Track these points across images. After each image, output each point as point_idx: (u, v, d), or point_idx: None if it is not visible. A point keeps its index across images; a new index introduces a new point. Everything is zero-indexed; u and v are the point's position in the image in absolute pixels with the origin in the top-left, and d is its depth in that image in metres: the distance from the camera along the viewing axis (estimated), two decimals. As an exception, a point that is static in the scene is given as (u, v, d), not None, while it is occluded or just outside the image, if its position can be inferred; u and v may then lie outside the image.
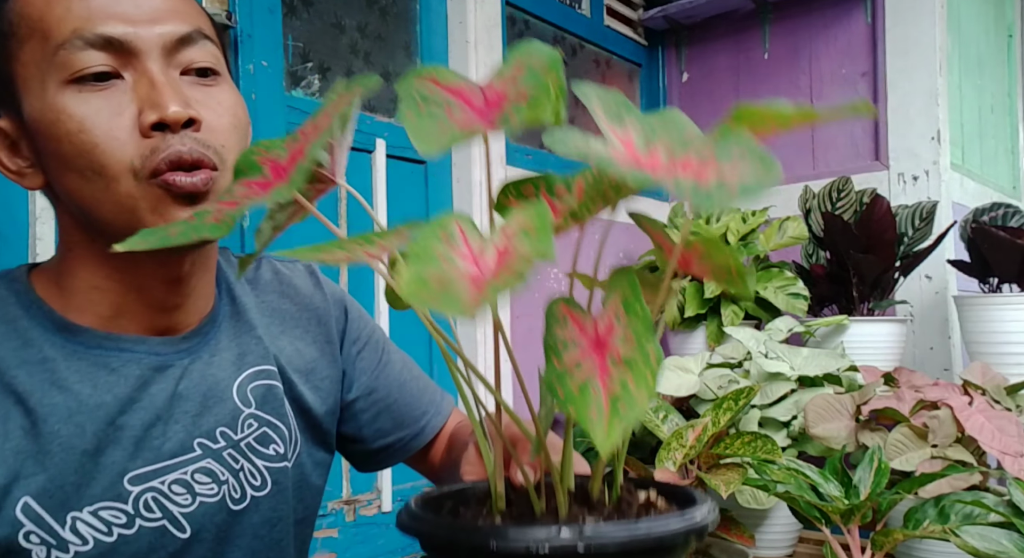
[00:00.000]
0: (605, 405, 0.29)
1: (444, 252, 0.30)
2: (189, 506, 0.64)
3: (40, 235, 1.02)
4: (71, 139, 0.58)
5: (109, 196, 0.59)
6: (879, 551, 0.92)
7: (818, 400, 1.22)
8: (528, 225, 0.31)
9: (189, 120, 0.59)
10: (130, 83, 0.59)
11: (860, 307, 1.67)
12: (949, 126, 1.91)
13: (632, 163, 0.31)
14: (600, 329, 0.33)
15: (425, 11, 1.67)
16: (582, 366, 0.32)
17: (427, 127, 0.35)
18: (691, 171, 0.30)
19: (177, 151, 0.58)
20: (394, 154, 1.56)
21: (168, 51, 0.60)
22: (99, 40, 0.58)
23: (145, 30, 0.59)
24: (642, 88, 2.34)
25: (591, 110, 0.34)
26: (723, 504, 1.25)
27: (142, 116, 0.58)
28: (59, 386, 0.60)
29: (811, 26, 2.09)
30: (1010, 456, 1.04)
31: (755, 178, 0.29)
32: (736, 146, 0.31)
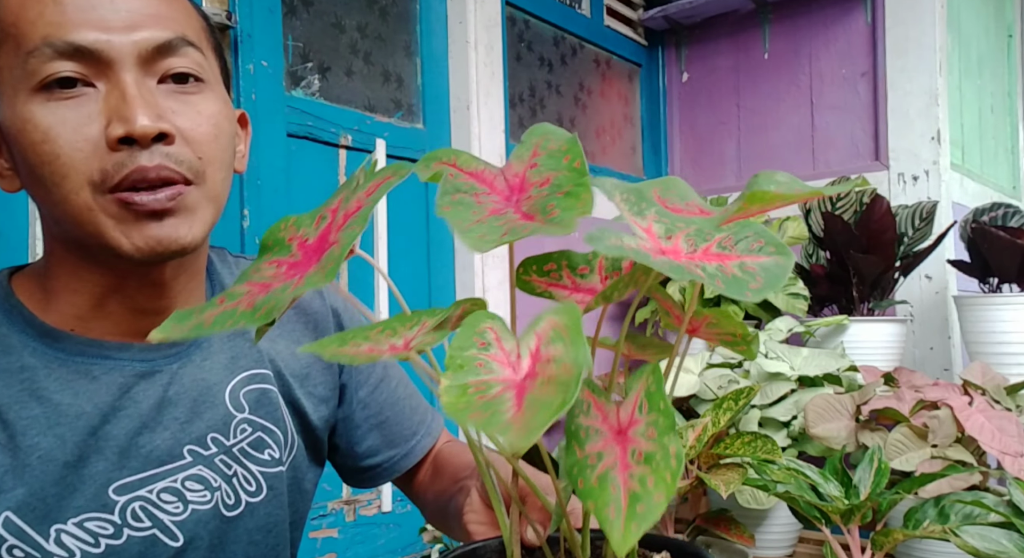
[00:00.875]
0: (624, 503, 0.30)
1: (481, 359, 0.31)
2: (181, 514, 0.63)
3: (40, 235, 1.02)
4: (35, 149, 0.56)
5: (69, 208, 0.57)
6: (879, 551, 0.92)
7: (818, 400, 1.22)
8: (560, 326, 0.32)
9: (160, 134, 0.56)
10: (102, 93, 0.56)
11: (860, 307, 1.67)
12: (949, 126, 1.91)
13: (659, 253, 0.33)
14: (622, 419, 0.34)
15: (425, 11, 1.67)
16: (603, 457, 0.32)
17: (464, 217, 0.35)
18: (715, 260, 0.33)
19: (141, 168, 0.56)
20: (394, 154, 1.56)
21: (145, 60, 0.58)
22: (69, 48, 0.55)
23: (119, 37, 0.56)
24: (642, 88, 2.34)
25: (614, 203, 0.36)
26: (723, 504, 1.25)
27: (109, 129, 0.55)
28: (37, 396, 0.59)
29: (811, 26, 2.09)
30: (1010, 456, 1.04)
31: (775, 265, 0.32)
32: (754, 236, 0.34)
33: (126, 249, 0.57)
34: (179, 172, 0.57)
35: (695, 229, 0.34)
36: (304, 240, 0.40)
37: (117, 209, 0.57)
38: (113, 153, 0.56)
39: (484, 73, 1.70)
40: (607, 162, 2.17)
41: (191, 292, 0.67)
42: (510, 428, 0.27)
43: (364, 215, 0.38)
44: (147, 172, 0.56)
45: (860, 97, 2.01)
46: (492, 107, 1.72)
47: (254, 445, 0.69)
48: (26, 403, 0.58)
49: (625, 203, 0.36)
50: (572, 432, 0.34)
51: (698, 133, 2.30)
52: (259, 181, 1.31)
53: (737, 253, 0.33)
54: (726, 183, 2.23)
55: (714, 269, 0.32)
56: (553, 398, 0.28)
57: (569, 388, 0.28)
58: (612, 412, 0.35)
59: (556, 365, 0.30)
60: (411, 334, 0.36)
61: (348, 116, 1.49)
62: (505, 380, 0.30)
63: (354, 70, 1.53)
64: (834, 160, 2.05)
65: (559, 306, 0.33)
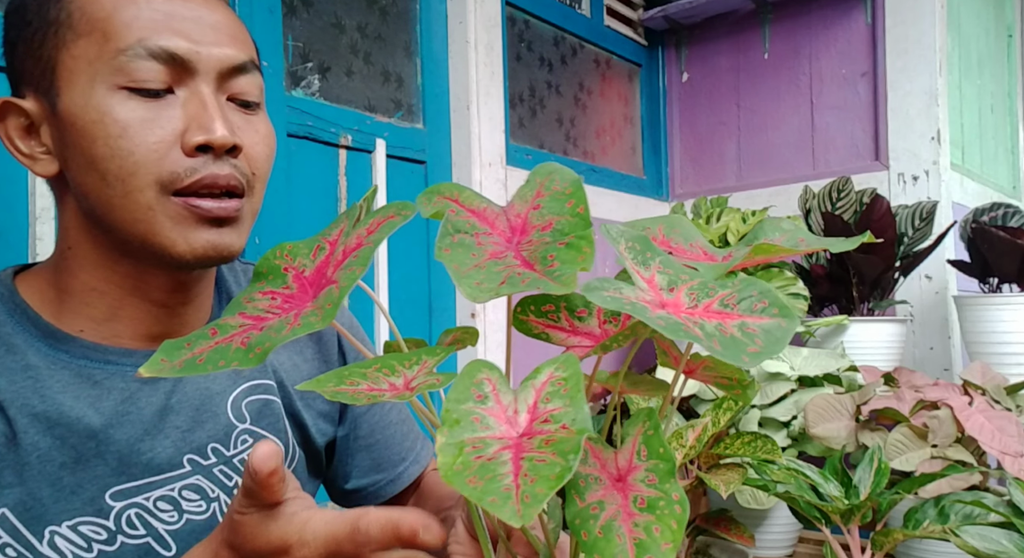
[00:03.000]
0: (631, 553, 0.29)
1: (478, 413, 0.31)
2: (175, 523, 0.63)
3: (40, 235, 1.02)
4: (108, 142, 0.57)
5: (127, 204, 0.58)
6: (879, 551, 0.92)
7: (818, 400, 1.22)
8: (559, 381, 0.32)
9: (233, 146, 0.60)
10: (180, 99, 0.59)
11: (860, 307, 1.67)
12: (949, 126, 1.91)
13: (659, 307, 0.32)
14: (621, 465, 0.33)
15: (425, 11, 1.67)
16: (605, 506, 0.31)
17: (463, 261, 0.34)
18: (715, 318, 0.32)
19: (213, 175, 0.59)
20: (394, 154, 1.56)
21: (222, 76, 0.61)
22: (163, 53, 0.58)
23: (206, 50, 0.60)
24: (642, 88, 2.34)
25: (618, 252, 0.35)
26: (723, 504, 1.25)
27: (187, 134, 0.58)
28: (41, 395, 0.59)
29: (811, 26, 2.09)
30: (1010, 456, 1.04)
31: (777, 328, 0.31)
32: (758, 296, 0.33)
33: (180, 250, 0.59)
34: (241, 183, 0.61)
35: (699, 283, 0.34)
36: (300, 271, 0.40)
37: (178, 212, 0.59)
38: (187, 158, 0.58)
39: (484, 73, 1.70)
40: (607, 162, 2.17)
41: (205, 294, 0.69)
42: (507, 500, 0.26)
43: (365, 256, 0.37)
44: (218, 179, 0.59)
45: (860, 97, 2.01)
46: (492, 107, 1.72)
47: None
48: (29, 401, 0.58)
49: (629, 252, 0.35)
50: (571, 481, 0.33)
51: (698, 133, 2.30)
52: (259, 181, 1.31)
53: (739, 313, 0.32)
54: (726, 183, 2.23)
55: (713, 328, 0.31)
56: (553, 466, 0.27)
57: (569, 455, 0.27)
58: (611, 459, 0.34)
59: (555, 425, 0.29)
60: (411, 374, 0.35)
61: (348, 116, 1.49)
62: (502, 437, 0.29)
63: (354, 70, 1.53)
64: (834, 160, 2.05)
65: (559, 357, 0.33)
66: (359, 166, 1.50)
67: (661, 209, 2.27)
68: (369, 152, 1.52)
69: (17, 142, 0.62)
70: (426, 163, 1.64)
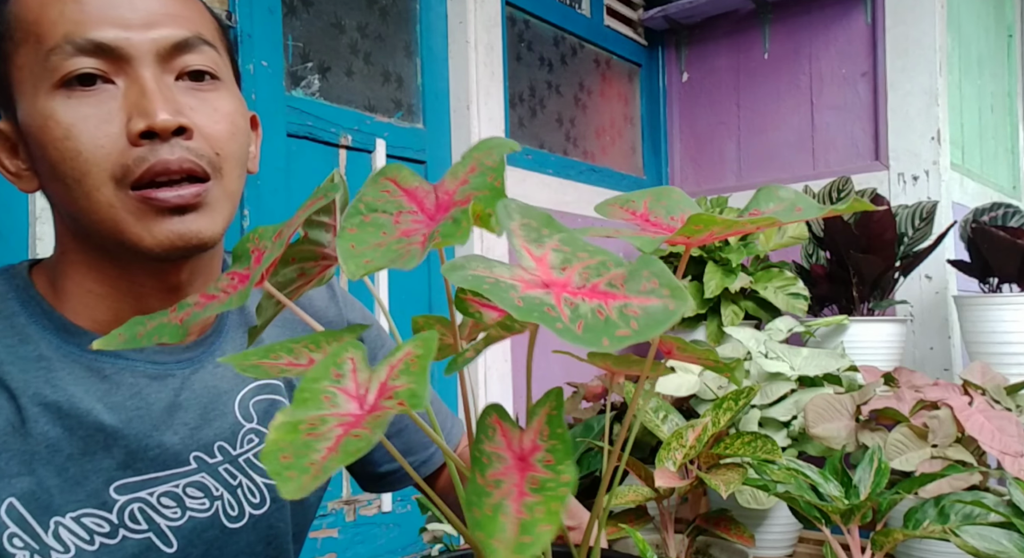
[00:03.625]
0: (513, 533, 0.28)
1: (331, 392, 0.30)
2: (178, 520, 0.63)
3: (40, 235, 1.02)
4: (56, 145, 0.56)
5: (91, 204, 0.57)
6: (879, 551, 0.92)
7: (818, 400, 1.22)
8: (413, 358, 0.31)
9: (179, 128, 0.57)
10: (122, 89, 0.57)
11: (860, 307, 1.67)
12: (949, 126, 1.91)
13: (539, 285, 0.30)
14: (525, 445, 0.33)
15: (425, 11, 1.67)
16: (501, 484, 0.31)
17: (364, 240, 0.34)
18: (597, 298, 0.29)
19: (164, 160, 0.56)
20: (394, 154, 1.56)
21: (163, 57, 0.58)
22: (90, 46, 0.56)
23: (138, 35, 0.57)
24: (642, 88, 2.34)
25: (509, 232, 0.33)
26: (723, 504, 1.25)
27: (130, 124, 0.56)
28: (52, 385, 0.59)
29: (811, 26, 2.09)
30: (1010, 456, 1.04)
31: (662, 310, 0.28)
32: (649, 275, 0.30)
33: (147, 244, 0.58)
34: (200, 165, 0.58)
35: (598, 262, 0.31)
36: (260, 253, 0.40)
37: (138, 205, 0.57)
38: (134, 148, 0.56)
39: (484, 73, 1.70)
40: (607, 162, 2.17)
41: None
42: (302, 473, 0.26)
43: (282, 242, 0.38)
44: (169, 164, 0.57)
45: (860, 97, 2.01)
46: (492, 107, 1.71)
47: (259, 456, 0.68)
48: (41, 390, 0.58)
49: (523, 229, 0.33)
50: (476, 458, 0.32)
51: (698, 133, 2.30)
52: (259, 181, 1.30)
53: (625, 293, 0.29)
54: (726, 183, 2.23)
55: (588, 309, 0.29)
56: (360, 441, 0.27)
57: (377, 429, 0.27)
58: (517, 438, 0.33)
59: (393, 401, 0.29)
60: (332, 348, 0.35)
61: (348, 116, 1.49)
62: (345, 415, 0.29)
63: (354, 70, 1.53)
64: (834, 160, 2.05)
65: (419, 335, 0.32)
66: (359, 166, 1.50)
67: (661, 209, 2.27)
68: (369, 152, 1.52)
69: (5, 162, 0.62)
70: (426, 163, 1.64)
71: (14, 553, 0.56)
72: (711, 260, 1.76)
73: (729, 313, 1.72)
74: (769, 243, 1.76)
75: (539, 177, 1.86)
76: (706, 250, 1.80)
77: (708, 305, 1.74)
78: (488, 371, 1.63)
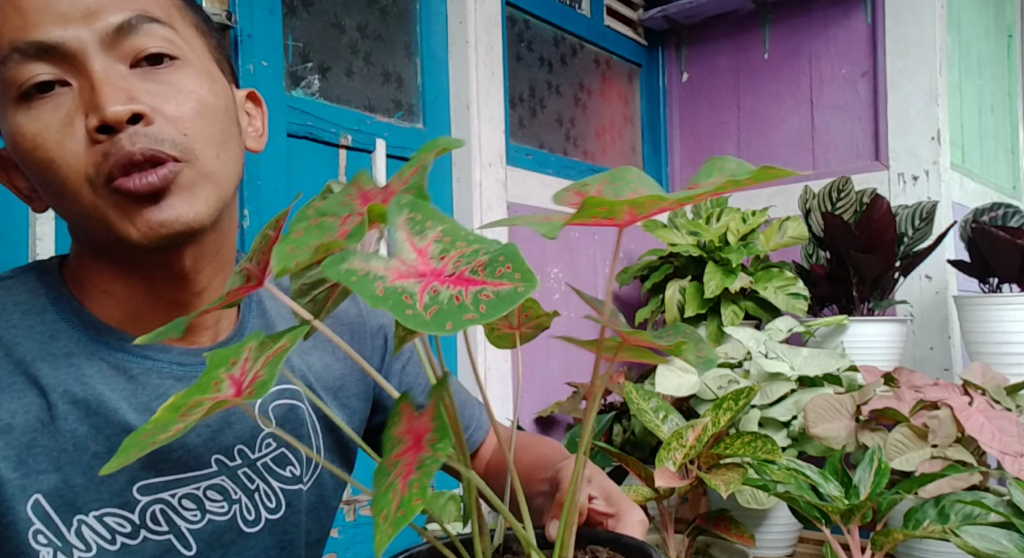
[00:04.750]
0: (394, 509, 0.30)
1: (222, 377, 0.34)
2: (197, 523, 0.62)
3: (40, 235, 1.02)
4: (29, 158, 0.56)
5: (77, 209, 0.57)
6: (879, 551, 0.92)
7: (818, 400, 1.22)
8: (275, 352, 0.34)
9: (134, 116, 0.55)
10: (76, 89, 0.56)
11: (860, 307, 1.67)
12: (949, 126, 1.91)
13: (414, 275, 0.31)
14: (421, 427, 0.35)
15: (425, 11, 1.67)
16: (398, 464, 0.33)
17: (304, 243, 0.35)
18: (460, 284, 0.31)
19: (127, 152, 0.55)
20: (394, 154, 1.56)
21: (108, 44, 0.56)
22: (32, 48, 0.55)
23: (78, 29, 0.55)
24: (642, 88, 2.34)
25: (395, 225, 0.34)
26: (723, 504, 1.25)
27: (87, 121, 0.55)
28: (82, 382, 0.59)
29: (811, 26, 2.09)
30: (1010, 456, 1.04)
31: (511, 293, 0.30)
32: (503, 260, 0.31)
33: (134, 237, 0.57)
34: (164, 151, 0.56)
35: (472, 250, 0.32)
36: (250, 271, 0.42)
37: (116, 199, 0.56)
38: (96, 146, 0.55)
39: (484, 73, 1.70)
40: (607, 162, 2.17)
41: (219, 289, 0.66)
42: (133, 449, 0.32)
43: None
44: (132, 155, 0.55)
45: (860, 97, 2.01)
46: (492, 107, 1.71)
47: (277, 461, 0.68)
48: (71, 387, 0.58)
49: (408, 223, 0.34)
50: (384, 442, 0.35)
51: (698, 133, 2.30)
52: (259, 181, 1.31)
53: (484, 278, 0.31)
54: (726, 183, 2.23)
55: (446, 295, 0.30)
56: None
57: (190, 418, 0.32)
58: (416, 422, 0.35)
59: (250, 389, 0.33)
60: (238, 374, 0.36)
61: (348, 116, 1.49)
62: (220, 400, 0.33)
63: (354, 70, 1.53)
64: (834, 160, 2.05)
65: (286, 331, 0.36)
66: (359, 166, 1.50)
67: (661, 209, 2.27)
68: (369, 152, 1.52)
69: (20, 186, 0.63)
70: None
71: (38, 550, 0.56)
72: (711, 260, 1.76)
73: (729, 313, 1.72)
74: (769, 243, 1.76)
75: (539, 177, 1.86)
76: (706, 250, 1.80)
77: (708, 305, 1.74)
78: (488, 372, 1.63)
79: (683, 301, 1.77)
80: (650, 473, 1.09)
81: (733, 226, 1.79)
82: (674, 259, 1.86)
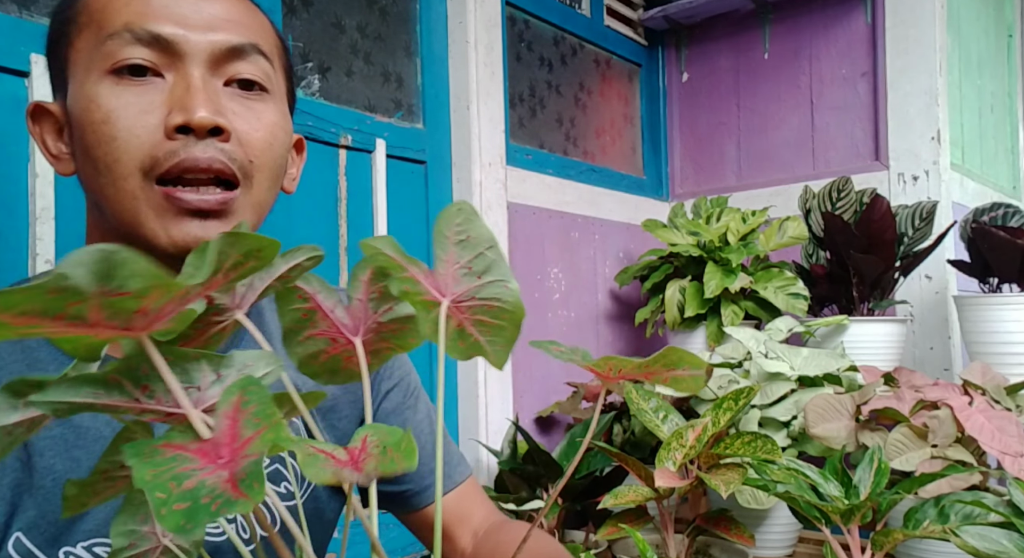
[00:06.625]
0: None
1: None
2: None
3: (40, 235, 1.02)
4: (94, 128, 0.57)
5: (116, 192, 0.57)
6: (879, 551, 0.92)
7: (818, 400, 1.22)
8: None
9: (216, 128, 0.57)
10: (169, 84, 0.58)
11: (860, 307, 1.67)
12: (949, 126, 1.91)
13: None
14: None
15: (425, 11, 1.67)
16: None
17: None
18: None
19: (194, 157, 0.56)
20: (394, 154, 1.56)
21: (216, 60, 0.59)
22: (147, 36, 0.57)
23: (196, 35, 0.58)
24: (642, 88, 2.34)
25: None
26: (723, 504, 1.25)
27: (169, 117, 0.56)
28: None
29: (811, 26, 2.09)
30: (1010, 456, 1.04)
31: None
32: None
33: (162, 242, 0.57)
34: (230, 168, 0.58)
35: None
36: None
37: (160, 202, 0.57)
38: (168, 141, 0.56)
39: (484, 73, 1.70)
40: (607, 162, 2.17)
41: None
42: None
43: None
44: (199, 162, 0.56)
45: (860, 97, 2.01)
46: (492, 107, 1.71)
47: (271, 477, 0.68)
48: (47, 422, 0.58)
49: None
50: None
51: (698, 133, 2.30)
52: (259, 181, 1.31)
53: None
54: (726, 183, 2.23)
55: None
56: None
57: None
58: None
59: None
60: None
61: (348, 116, 1.49)
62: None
63: (354, 70, 1.53)
64: (834, 160, 2.05)
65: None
66: (359, 166, 1.50)
67: (661, 209, 2.27)
68: (369, 152, 1.52)
69: (49, 144, 0.63)
70: (426, 163, 1.64)
71: None
72: (711, 260, 1.76)
73: (729, 313, 1.72)
74: (769, 243, 1.76)
75: (539, 177, 1.86)
76: (706, 250, 1.80)
77: (708, 305, 1.74)
78: (488, 372, 1.63)
79: (683, 301, 1.77)
80: (650, 473, 1.09)
81: (733, 226, 1.79)
82: (674, 259, 1.86)
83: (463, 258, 0.37)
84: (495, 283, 0.37)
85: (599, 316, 2.02)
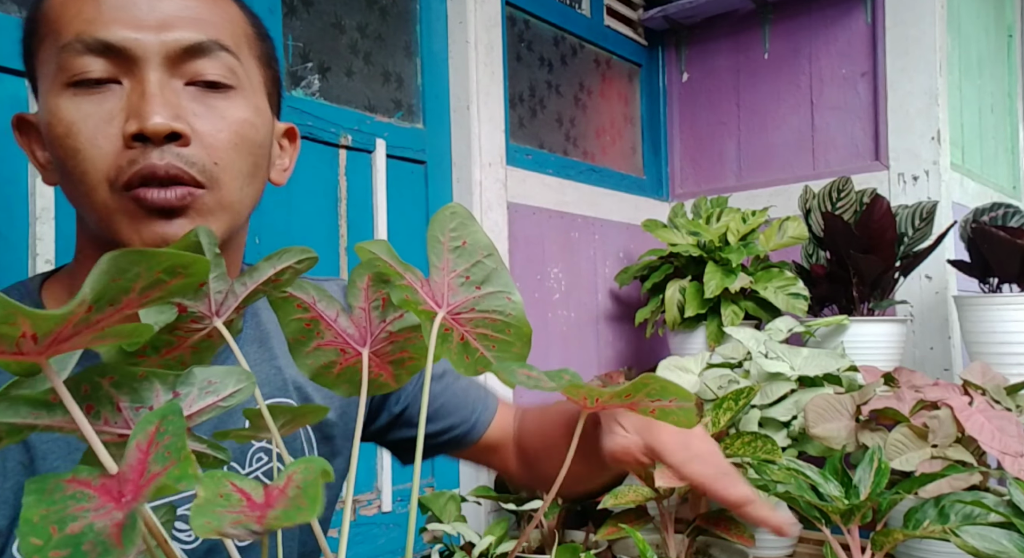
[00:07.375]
0: None
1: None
2: (191, 542, 0.62)
3: (40, 235, 1.02)
4: (59, 143, 0.57)
5: (90, 203, 0.57)
6: (879, 551, 0.92)
7: (818, 400, 1.22)
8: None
9: (173, 133, 0.56)
10: (126, 90, 0.57)
11: (860, 307, 1.67)
12: (949, 126, 1.91)
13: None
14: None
15: (425, 11, 1.67)
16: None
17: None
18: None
19: (151, 165, 0.55)
20: (394, 154, 1.56)
21: (173, 60, 0.57)
22: (98, 45, 0.56)
23: (149, 37, 0.56)
24: (642, 88, 2.34)
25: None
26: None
27: (125, 125, 0.56)
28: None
29: (811, 26, 2.09)
30: (1010, 456, 1.04)
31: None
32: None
33: (135, 245, 0.57)
34: (189, 173, 0.57)
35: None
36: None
37: (130, 206, 0.57)
38: (127, 150, 0.56)
39: (484, 73, 1.70)
40: (607, 162, 2.17)
41: None
42: None
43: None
44: (156, 170, 0.56)
45: (860, 97, 2.01)
46: (492, 107, 1.71)
47: (268, 475, 0.68)
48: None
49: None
50: None
51: (698, 133, 2.30)
52: (259, 181, 1.31)
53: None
54: (726, 183, 2.23)
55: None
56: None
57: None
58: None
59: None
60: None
61: (348, 116, 1.49)
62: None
63: (354, 70, 1.53)
64: (834, 160, 2.05)
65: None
66: (359, 166, 1.50)
67: (661, 209, 2.27)
68: (369, 152, 1.52)
69: (37, 153, 0.63)
70: (426, 163, 1.64)
71: None
72: (711, 260, 1.76)
73: (729, 313, 1.72)
74: (769, 243, 1.76)
75: (539, 177, 1.86)
76: (706, 250, 1.80)
77: (708, 305, 1.74)
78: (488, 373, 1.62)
79: (683, 301, 1.77)
80: (650, 473, 1.09)
81: (733, 226, 1.79)
82: (674, 259, 1.86)
83: (460, 266, 0.36)
84: (496, 294, 0.36)
85: (599, 316, 2.02)
